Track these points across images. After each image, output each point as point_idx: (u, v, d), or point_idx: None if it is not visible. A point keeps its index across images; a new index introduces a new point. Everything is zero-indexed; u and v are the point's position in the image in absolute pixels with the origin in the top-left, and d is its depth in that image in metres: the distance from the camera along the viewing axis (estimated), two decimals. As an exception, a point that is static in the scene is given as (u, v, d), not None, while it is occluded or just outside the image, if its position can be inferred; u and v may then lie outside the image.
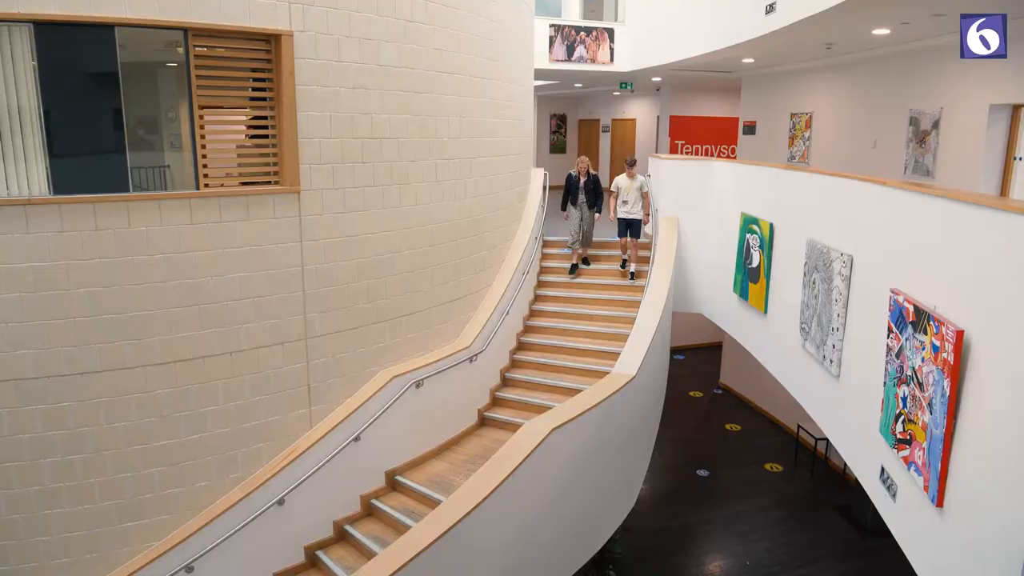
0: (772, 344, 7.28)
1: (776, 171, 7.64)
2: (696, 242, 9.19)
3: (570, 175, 9.89)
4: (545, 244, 10.06)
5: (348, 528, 6.58)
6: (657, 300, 7.85)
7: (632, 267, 9.57)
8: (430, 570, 4.81)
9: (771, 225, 7.12)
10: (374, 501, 6.79)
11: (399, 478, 6.96)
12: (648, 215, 9.72)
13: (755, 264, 7.48)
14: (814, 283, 5.96)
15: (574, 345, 8.74)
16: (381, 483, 6.96)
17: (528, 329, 9.16)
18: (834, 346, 5.48)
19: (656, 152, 14.76)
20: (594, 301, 9.36)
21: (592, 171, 9.90)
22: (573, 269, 9.76)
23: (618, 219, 9.63)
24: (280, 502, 6.10)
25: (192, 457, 5.78)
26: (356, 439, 6.54)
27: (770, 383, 8.08)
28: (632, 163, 9.68)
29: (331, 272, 6.32)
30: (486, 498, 5.12)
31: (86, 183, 5.19)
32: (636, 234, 9.55)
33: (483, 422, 8.06)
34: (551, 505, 6.04)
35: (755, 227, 7.49)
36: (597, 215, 9.80)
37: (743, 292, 7.85)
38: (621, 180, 9.60)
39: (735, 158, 14.43)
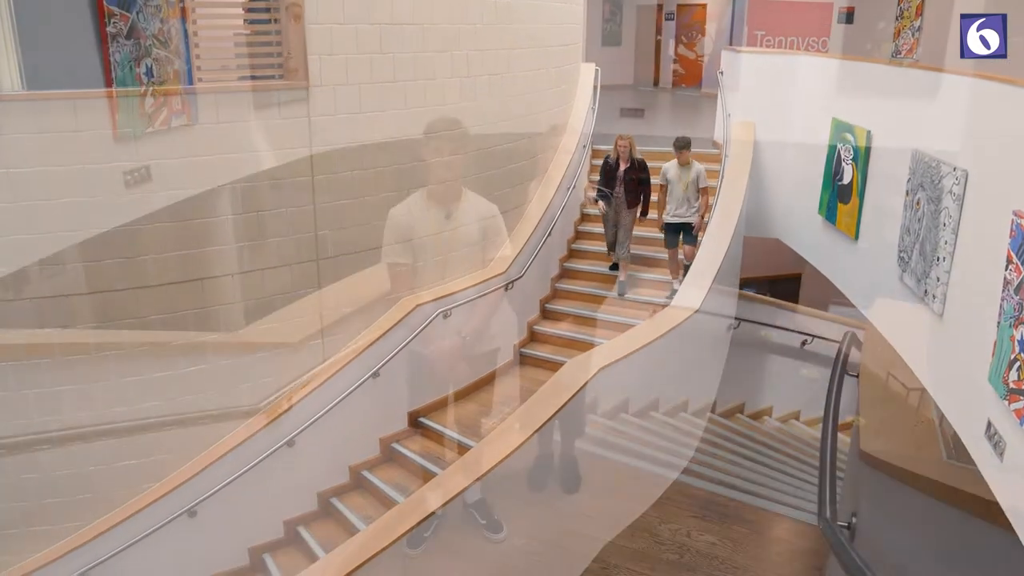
0: (863, 276, 7.13)
1: (877, 67, 7.34)
2: (775, 153, 8.91)
3: (607, 159, 8.29)
4: (594, 154, 9.88)
5: (366, 474, 6.76)
6: (727, 222, 7.69)
7: (680, 279, 7.92)
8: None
9: (868, 133, 6.86)
10: (395, 445, 6.94)
11: (423, 420, 7.09)
12: (705, 216, 8.07)
13: (846, 180, 7.26)
14: (918, 203, 5.77)
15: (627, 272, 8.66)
16: (403, 425, 7.10)
17: (572, 253, 9.11)
18: (939, 279, 5.34)
19: (731, 44, 14.27)
20: (653, 222, 9.23)
21: (636, 155, 8.12)
22: (615, 266, 8.67)
23: (665, 224, 8.19)
24: (290, 443, 6.25)
25: (191, 391, 5.93)
26: (375, 375, 6.62)
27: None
28: (685, 145, 7.98)
29: (345, 183, 6.29)
30: (523, 444, 5.18)
31: (63, 78, 5.18)
32: (691, 240, 8.03)
33: (520, 359, 8.12)
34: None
35: (848, 135, 7.24)
36: (640, 218, 8.30)
37: (830, 214, 7.64)
38: (670, 169, 8.10)
39: (827, 52, 13.90)
